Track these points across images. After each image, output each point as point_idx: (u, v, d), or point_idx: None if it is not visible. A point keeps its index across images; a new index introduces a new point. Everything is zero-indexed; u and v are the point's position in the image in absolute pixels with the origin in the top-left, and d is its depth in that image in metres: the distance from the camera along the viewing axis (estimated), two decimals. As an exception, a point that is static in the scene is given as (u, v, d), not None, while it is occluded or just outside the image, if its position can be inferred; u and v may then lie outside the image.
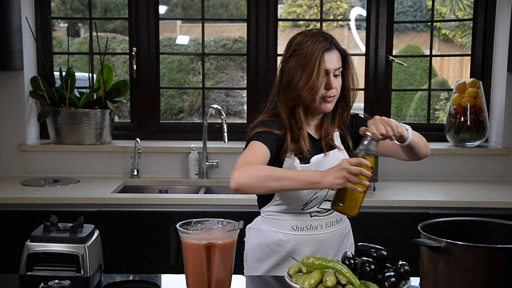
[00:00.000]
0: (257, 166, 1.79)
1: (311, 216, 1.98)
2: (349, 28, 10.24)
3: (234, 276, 1.72)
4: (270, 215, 2.02)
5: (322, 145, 1.99)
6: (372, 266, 1.64)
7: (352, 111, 2.09)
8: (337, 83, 1.93)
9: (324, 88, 1.91)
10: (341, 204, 1.74)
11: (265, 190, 1.78)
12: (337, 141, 2.03)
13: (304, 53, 1.89)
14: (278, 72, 1.99)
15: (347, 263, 1.69)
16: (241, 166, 1.77)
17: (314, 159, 1.96)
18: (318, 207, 1.97)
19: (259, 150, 1.86)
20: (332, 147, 2.00)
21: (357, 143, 1.95)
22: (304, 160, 1.94)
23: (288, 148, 1.93)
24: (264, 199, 2.03)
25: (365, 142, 1.75)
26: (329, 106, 1.95)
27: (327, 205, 1.97)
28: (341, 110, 2.02)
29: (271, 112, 2.00)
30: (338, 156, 1.98)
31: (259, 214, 2.10)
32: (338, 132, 2.04)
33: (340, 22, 10.73)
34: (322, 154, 1.97)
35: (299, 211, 1.97)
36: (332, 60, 1.91)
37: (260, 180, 1.74)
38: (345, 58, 1.97)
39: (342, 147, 2.03)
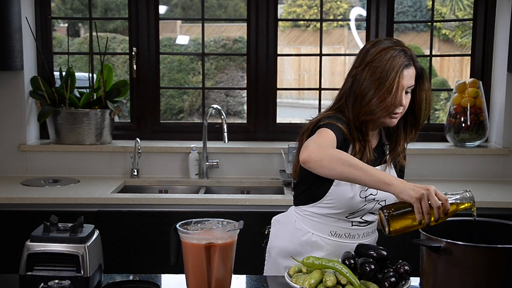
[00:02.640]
0: (333, 148, 1.73)
1: (352, 225, 1.95)
2: (349, 28, 10.25)
3: (234, 276, 1.73)
4: (309, 215, 1.98)
5: (379, 155, 1.96)
6: (372, 266, 1.64)
7: None
8: (407, 99, 1.87)
9: None
10: (390, 214, 1.57)
11: (332, 173, 1.66)
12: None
13: (381, 67, 1.82)
14: (347, 77, 1.93)
15: (347, 263, 1.69)
16: (313, 143, 1.72)
17: None
18: (361, 218, 1.95)
19: (330, 136, 1.79)
20: (396, 160, 1.97)
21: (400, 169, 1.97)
22: None
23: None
24: (310, 197, 1.97)
25: (464, 195, 1.60)
26: (394, 121, 1.89)
27: (370, 217, 1.96)
28: (410, 127, 1.96)
29: (337, 114, 1.93)
30: (391, 172, 1.96)
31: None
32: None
33: (340, 22, 10.74)
34: (379, 167, 1.94)
35: (343, 218, 1.94)
36: (407, 78, 1.84)
37: (332, 160, 1.64)
38: (420, 74, 1.90)
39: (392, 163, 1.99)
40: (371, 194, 1.90)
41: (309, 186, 1.96)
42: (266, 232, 2.15)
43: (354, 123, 1.89)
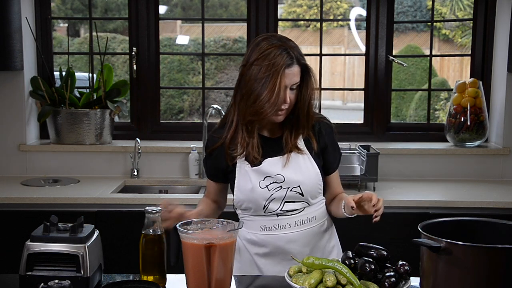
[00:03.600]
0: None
1: (278, 216, 1.98)
2: (349, 28, 10.25)
3: (234, 276, 1.72)
4: (243, 217, 2.05)
5: (279, 146, 1.98)
6: (372, 266, 1.64)
7: (324, 115, 2.09)
8: (292, 96, 1.91)
9: None
10: None
11: None
12: (301, 144, 2.00)
13: (266, 66, 1.86)
14: (239, 74, 1.95)
15: (347, 263, 1.69)
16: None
17: (267, 161, 1.96)
18: (280, 210, 1.97)
19: (210, 187, 2.13)
20: (292, 150, 1.98)
21: (323, 152, 2.02)
22: (255, 163, 1.96)
23: (232, 151, 1.97)
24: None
25: None
26: (280, 118, 1.94)
27: (291, 206, 1.98)
28: (302, 120, 1.98)
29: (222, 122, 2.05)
30: (299, 160, 1.98)
31: None
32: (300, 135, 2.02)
33: (340, 22, 10.74)
34: (279, 157, 1.97)
35: (261, 214, 1.99)
36: (291, 76, 1.88)
37: None
38: (305, 71, 1.93)
39: (306, 150, 2.00)
40: (274, 183, 1.94)
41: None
42: None
43: (240, 121, 1.95)
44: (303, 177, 1.97)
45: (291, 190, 1.96)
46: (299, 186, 1.96)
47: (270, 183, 1.95)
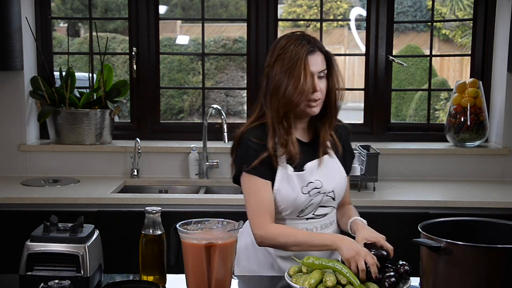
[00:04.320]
0: (276, 232, 1.87)
1: (307, 220, 1.97)
2: (349, 28, 10.25)
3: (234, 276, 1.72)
4: None
5: (314, 150, 1.98)
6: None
7: (345, 121, 2.10)
8: (321, 85, 1.90)
9: None
10: None
11: (287, 250, 1.89)
12: (329, 145, 2.01)
13: (288, 57, 1.87)
14: (262, 77, 1.96)
15: (347, 263, 1.70)
16: (258, 223, 1.89)
17: (308, 166, 1.95)
18: (313, 214, 1.97)
19: (264, 192, 1.91)
20: (325, 151, 1.99)
21: (345, 159, 2.02)
22: (298, 168, 1.93)
23: (274, 155, 1.91)
24: None
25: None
26: (315, 110, 1.92)
27: (323, 210, 1.97)
28: (329, 113, 1.98)
29: (257, 122, 1.97)
30: (330, 164, 1.98)
31: None
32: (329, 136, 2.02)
33: (340, 22, 10.74)
34: (316, 161, 1.96)
35: (294, 217, 1.97)
36: (316, 63, 1.88)
37: (282, 246, 1.88)
38: (329, 60, 1.94)
39: (333, 153, 2.01)
40: (314, 188, 1.93)
41: None
42: None
43: (276, 119, 1.92)
44: (335, 181, 1.98)
45: (326, 195, 1.95)
46: (333, 191, 1.97)
47: (312, 189, 1.93)
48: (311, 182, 1.93)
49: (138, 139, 3.44)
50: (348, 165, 2.10)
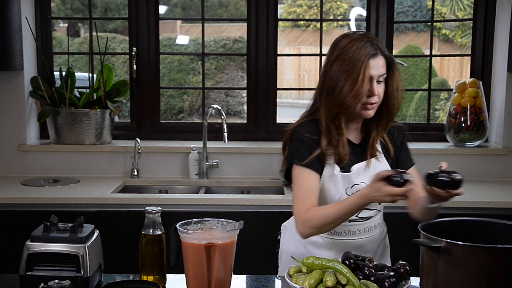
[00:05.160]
0: (312, 216, 1.84)
1: (350, 222, 1.95)
2: (349, 28, 10.24)
3: (234, 276, 1.73)
4: None
5: (363, 151, 1.97)
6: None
7: (399, 122, 2.08)
8: (379, 89, 1.89)
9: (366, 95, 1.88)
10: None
11: (328, 229, 1.89)
12: (378, 148, 1.99)
13: (349, 59, 1.84)
14: (320, 75, 1.95)
15: (347, 263, 1.70)
16: (300, 210, 1.87)
17: (355, 167, 1.93)
18: (356, 216, 1.95)
19: (312, 182, 1.90)
20: (372, 154, 1.97)
21: (397, 161, 2.02)
22: (345, 168, 1.92)
23: (326, 153, 1.90)
24: None
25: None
26: (370, 113, 1.91)
27: (366, 213, 1.96)
28: (384, 116, 1.97)
29: (309, 117, 1.97)
30: (378, 166, 1.96)
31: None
32: (379, 139, 2.01)
33: (340, 22, 10.73)
34: (364, 163, 1.95)
35: None
36: (376, 67, 1.86)
37: (321, 229, 1.86)
38: (390, 64, 1.92)
39: (383, 156, 2.00)
40: (359, 190, 1.91)
41: None
42: (278, 238, 2.16)
43: (329, 119, 1.91)
44: None
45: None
46: None
47: (356, 191, 1.90)
48: (356, 184, 1.92)
49: (138, 139, 3.44)
50: (402, 159, 2.06)
